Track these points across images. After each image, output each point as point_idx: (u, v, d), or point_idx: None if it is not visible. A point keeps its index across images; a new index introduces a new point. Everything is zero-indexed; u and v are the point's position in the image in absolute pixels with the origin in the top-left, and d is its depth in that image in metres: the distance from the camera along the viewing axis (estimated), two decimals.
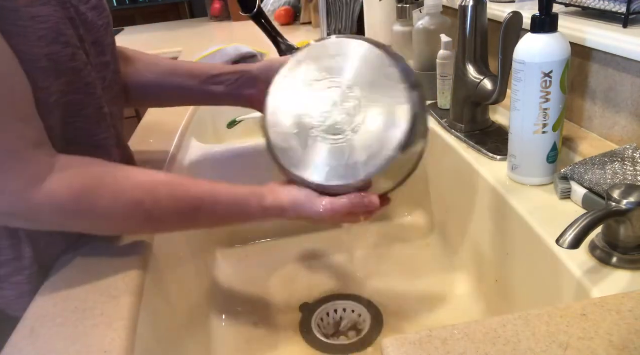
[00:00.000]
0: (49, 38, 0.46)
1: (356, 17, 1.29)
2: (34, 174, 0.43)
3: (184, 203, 0.50)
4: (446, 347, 0.34)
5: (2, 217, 0.45)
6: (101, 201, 0.46)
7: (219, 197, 0.52)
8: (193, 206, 0.51)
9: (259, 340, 0.69)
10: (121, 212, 0.47)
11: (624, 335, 0.34)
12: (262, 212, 0.54)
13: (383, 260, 0.82)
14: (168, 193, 0.50)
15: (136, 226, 0.51)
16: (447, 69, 0.81)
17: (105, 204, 0.46)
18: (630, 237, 0.44)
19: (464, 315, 0.69)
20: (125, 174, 0.50)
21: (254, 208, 0.53)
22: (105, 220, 0.48)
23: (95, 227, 0.49)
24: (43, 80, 0.46)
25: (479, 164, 0.67)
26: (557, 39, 0.53)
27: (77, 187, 0.45)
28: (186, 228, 0.56)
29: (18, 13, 0.43)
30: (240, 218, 0.54)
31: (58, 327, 0.43)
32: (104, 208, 0.46)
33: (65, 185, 0.44)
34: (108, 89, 0.58)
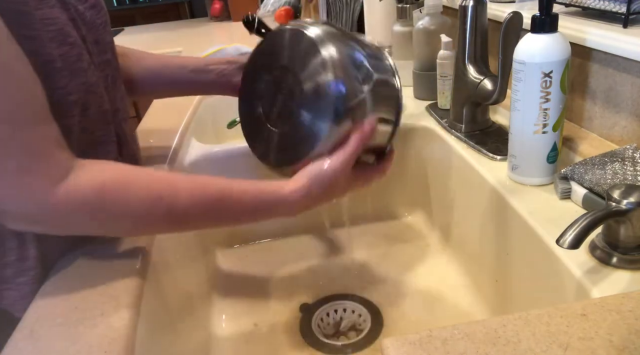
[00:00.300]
0: (58, 39, 0.47)
1: (356, 17, 1.29)
2: (57, 173, 0.43)
3: (206, 195, 0.49)
4: (446, 347, 0.34)
5: (26, 221, 0.45)
6: (123, 195, 0.46)
7: (242, 187, 0.51)
8: (215, 197, 0.50)
9: (259, 340, 0.69)
10: (141, 209, 0.47)
11: (624, 335, 0.34)
12: (288, 196, 0.52)
13: (383, 260, 0.82)
14: (188, 186, 0.49)
15: (158, 222, 0.49)
16: (447, 69, 0.81)
17: (125, 200, 0.46)
18: (630, 237, 0.44)
19: (464, 315, 0.69)
20: (146, 171, 0.50)
21: (280, 195, 0.52)
22: (128, 216, 0.47)
23: (117, 224, 0.48)
24: (59, 80, 0.47)
25: (479, 164, 0.67)
26: (557, 39, 0.53)
27: (98, 182, 0.45)
28: (210, 223, 0.53)
29: (31, 16, 0.44)
30: (266, 208, 0.53)
31: (58, 327, 0.43)
32: (123, 204, 0.46)
33: (87, 180, 0.45)
34: (111, 87, 0.58)
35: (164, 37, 1.90)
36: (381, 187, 0.90)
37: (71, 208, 0.44)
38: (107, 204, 0.45)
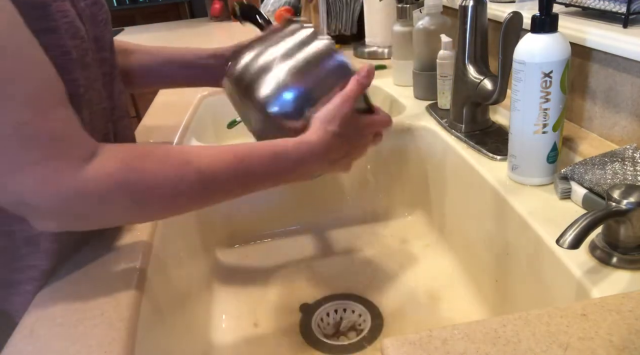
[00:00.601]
0: (72, 32, 0.47)
1: (356, 17, 1.29)
2: (84, 155, 0.42)
3: (229, 155, 0.49)
4: (446, 347, 0.34)
5: (59, 213, 0.42)
6: (149, 165, 0.44)
7: (259, 146, 0.51)
8: (239, 156, 0.49)
9: (259, 340, 0.69)
10: (171, 174, 0.45)
11: (624, 335, 0.34)
12: (309, 138, 0.53)
13: (383, 260, 0.82)
14: (209, 151, 0.49)
15: (191, 190, 0.47)
16: (447, 69, 0.81)
17: (154, 167, 0.44)
18: (630, 237, 0.44)
19: (464, 315, 0.69)
20: (165, 145, 0.50)
21: (301, 139, 0.52)
22: (156, 189, 0.44)
23: (152, 199, 0.45)
24: (74, 71, 0.47)
25: (479, 164, 0.67)
26: (557, 39, 0.53)
27: (124, 156, 0.44)
28: (240, 184, 0.51)
29: (49, 8, 0.44)
30: (292, 156, 0.52)
31: (58, 327, 0.43)
32: (153, 172, 0.44)
33: (112, 157, 0.43)
34: (108, 85, 0.58)
35: (164, 37, 1.90)
36: (381, 187, 0.90)
37: (103, 186, 0.42)
38: (132, 176, 0.43)
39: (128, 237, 0.56)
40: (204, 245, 0.82)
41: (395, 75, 1.02)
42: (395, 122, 0.86)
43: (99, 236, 0.56)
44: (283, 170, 0.53)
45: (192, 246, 0.76)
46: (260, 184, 0.53)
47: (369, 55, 1.20)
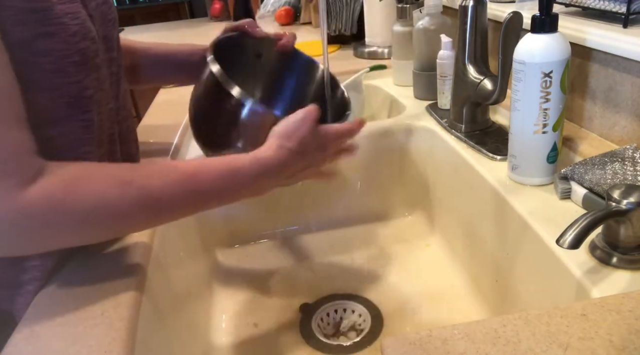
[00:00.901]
0: (80, 34, 0.47)
1: (356, 17, 1.29)
2: (27, 175, 0.42)
3: (178, 172, 0.48)
4: (446, 347, 0.34)
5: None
6: (90, 185, 0.44)
7: (214, 159, 0.51)
8: (189, 173, 0.48)
9: (259, 340, 0.69)
10: (112, 195, 0.44)
11: (624, 335, 0.34)
12: (262, 154, 0.52)
13: (383, 260, 0.82)
14: (159, 169, 0.48)
15: (134, 209, 0.46)
16: (447, 69, 0.81)
17: (94, 187, 0.44)
18: (630, 237, 0.44)
19: (464, 315, 0.69)
20: (114, 164, 0.49)
21: (255, 156, 0.52)
22: (96, 209, 0.44)
23: (93, 221, 0.44)
24: (75, 74, 0.47)
25: (479, 164, 0.67)
26: (557, 39, 0.53)
27: (68, 177, 0.43)
28: (189, 203, 0.50)
29: (50, 12, 0.44)
30: (245, 173, 0.51)
31: (58, 327, 0.43)
32: (92, 193, 0.43)
33: (55, 177, 0.43)
34: (115, 85, 0.58)
35: (164, 37, 1.90)
36: (381, 187, 0.90)
37: (43, 207, 0.41)
38: (76, 194, 0.43)
39: (128, 237, 0.56)
40: (204, 245, 0.82)
41: (395, 75, 1.02)
42: (395, 122, 0.86)
43: None
44: (238, 186, 0.52)
45: (192, 246, 0.76)
46: (215, 200, 0.52)
47: (369, 55, 1.20)
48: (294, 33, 0.71)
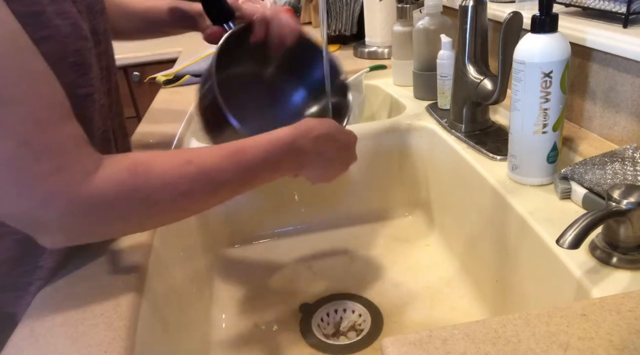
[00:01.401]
0: (74, 34, 0.47)
1: (356, 17, 1.29)
2: (91, 167, 0.42)
3: (226, 149, 0.50)
4: (446, 347, 0.34)
5: (69, 225, 0.42)
6: (154, 168, 0.45)
7: (254, 138, 0.53)
8: (236, 148, 0.50)
9: (259, 340, 0.69)
10: (176, 174, 0.45)
11: (624, 335, 0.34)
12: (292, 128, 0.55)
13: (383, 260, 0.82)
14: (206, 150, 0.50)
15: (196, 187, 0.47)
16: (447, 69, 0.81)
17: (158, 170, 0.45)
18: (630, 237, 0.44)
19: (464, 315, 0.69)
20: (163, 151, 0.50)
21: (285, 129, 0.54)
22: (163, 190, 0.45)
23: (160, 201, 0.45)
24: (69, 75, 0.47)
25: (479, 164, 0.67)
26: (557, 39, 0.53)
27: (128, 163, 0.44)
28: (241, 179, 0.51)
29: (44, 15, 0.44)
30: (279, 142, 0.53)
31: (58, 327, 0.43)
32: (158, 175, 0.44)
33: (117, 164, 0.43)
34: (105, 80, 0.57)
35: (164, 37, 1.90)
36: (381, 187, 0.90)
37: (112, 193, 0.42)
38: (144, 177, 0.44)
39: (128, 237, 0.56)
40: (204, 245, 0.82)
41: (395, 75, 1.02)
42: (395, 122, 0.86)
43: None
44: (280, 154, 0.53)
45: (192, 246, 0.76)
46: (263, 171, 0.53)
47: (369, 55, 1.20)
48: (297, 28, 0.71)
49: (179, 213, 0.49)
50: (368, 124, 0.87)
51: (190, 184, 0.46)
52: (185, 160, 0.47)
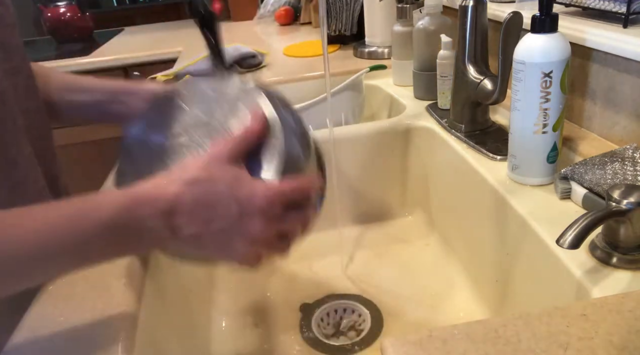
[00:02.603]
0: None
1: (356, 17, 1.29)
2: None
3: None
4: (446, 347, 0.34)
5: None
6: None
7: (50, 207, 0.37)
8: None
9: (259, 340, 0.69)
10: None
11: (624, 335, 0.34)
12: (125, 195, 0.36)
13: (383, 260, 0.82)
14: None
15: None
16: (447, 69, 0.81)
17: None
18: (630, 237, 0.44)
19: (464, 315, 0.69)
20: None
21: (112, 195, 0.37)
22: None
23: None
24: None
25: (479, 164, 0.67)
26: (557, 39, 0.53)
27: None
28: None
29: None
30: (87, 218, 0.36)
31: (58, 327, 0.43)
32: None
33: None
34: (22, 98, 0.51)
35: (164, 37, 1.90)
36: (381, 187, 0.90)
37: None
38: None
39: None
40: None
41: (395, 75, 1.02)
42: (395, 122, 0.86)
43: None
44: (87, 234, 0.36)
45: None
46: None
47: (369, 55, 1.20)
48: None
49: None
50: (368, 124, 0.87)
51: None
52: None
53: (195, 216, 0.38)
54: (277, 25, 1.86)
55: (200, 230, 0.38)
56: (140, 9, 3.66)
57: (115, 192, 0.38)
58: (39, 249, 0.35)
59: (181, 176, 0.38)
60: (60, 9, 1.95)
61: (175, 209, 0.37)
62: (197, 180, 0.38)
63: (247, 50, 1.19)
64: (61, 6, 1.96)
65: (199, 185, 0.38)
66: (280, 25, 1.85)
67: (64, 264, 0.37)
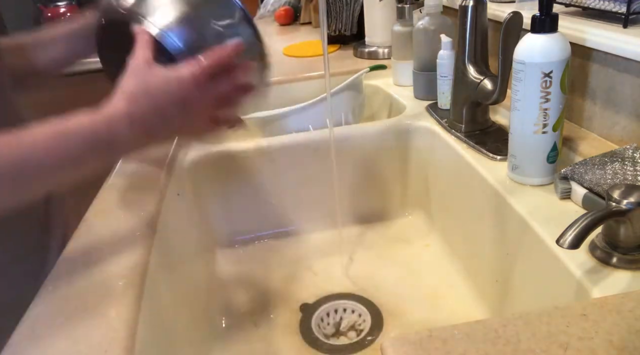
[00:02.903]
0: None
1: (356, 17, 1.29)
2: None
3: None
4: (446, 347, 0.34)
5: None
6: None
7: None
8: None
9: (259, 340, 0.69)
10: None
11: (624, 335, 0.34)
12: (107, 106, 0.45)
13: (383, 260, 0.82)
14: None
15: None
16: (447, 69, 0.81)
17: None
18: (630, 237, 0.44)
19: (464, 315, 0.69)
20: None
21: (87, 120, 0.44)
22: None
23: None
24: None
25: (479, 164, 0.67)
26: (557, 39, 0.53)
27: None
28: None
29: None
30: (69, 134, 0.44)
31: (58, 327, 0.43)
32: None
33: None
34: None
35: None
36: (381, 187, 0.90)
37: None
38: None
39: (128, 236, 0.56)
40: (204, 245, 0.82)
41: (395, 75, 1.02)
42: (395, 122, 0.86)
43: (99, 234, 0.56)
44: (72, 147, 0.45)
45: (192, 246, 0.76)
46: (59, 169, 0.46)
47: (369, 55, 1.20)
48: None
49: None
50: (368, 124, 0.87)
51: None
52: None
53: (148, 121, 0.47)
54: (277, 25, 1.86)
55: (157, 130, 0.48)
56: None
57: (85, 117, 0.45)
58: (48, 156, 0.44)
59: (124, 92, 0.46)
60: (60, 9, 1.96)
61: (133, 122, 0.46)
62: (136, 94, 0.47)
63: None
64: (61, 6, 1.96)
65: (141, 97, 0.46)
66: (280, 25, 1.85)
67: (62, 174, 0.45)
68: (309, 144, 0.84)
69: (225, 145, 0.84)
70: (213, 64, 0.48)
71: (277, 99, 1.09)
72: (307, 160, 0.85)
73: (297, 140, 0.84)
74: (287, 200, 0.88)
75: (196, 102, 0.48)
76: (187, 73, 0.47)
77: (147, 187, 0.67)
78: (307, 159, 0.85)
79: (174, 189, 0.71)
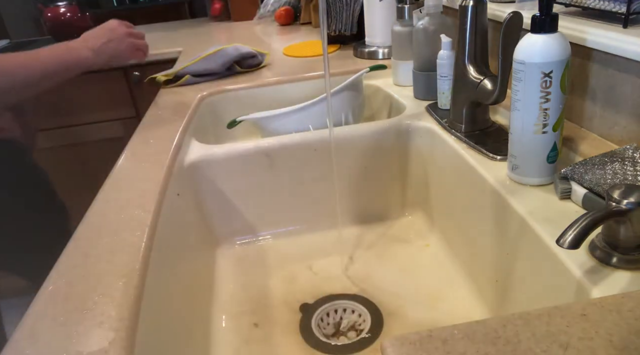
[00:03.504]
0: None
1: (356, 17, 1.29)
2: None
3: (27, 54, 0.92)
4: (446, 347, 0.34)
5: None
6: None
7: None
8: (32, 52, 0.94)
9: (259, 340, 0.69)
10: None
11: (624, 335, 0.34)
12: (72, 43, 0.98)
13: (383, 260, 0.82)
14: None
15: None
16: (447, 69, 0.81)
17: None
18: (630, 237, 0.44)
19: (464, 315, 0.69)
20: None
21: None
22: None
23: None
24: None
25: (479, 164, 0.67)
26: (557, 39, 0.53)
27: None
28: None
29: None
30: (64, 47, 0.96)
31: (58, 327, 0.43)
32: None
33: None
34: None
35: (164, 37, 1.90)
36: (381, 187, 0.90)
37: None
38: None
39: (128, 236, 0.56)
40: (204, 245, 0.82)
41: (395, 75, 1.02)
42: (396, 122, 0.86)
43: (99, 234, 0.56)
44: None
45: (193, 246, 0.76)
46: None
47: (369, 55, 1.20)
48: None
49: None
50: (368, 124, 0.87)
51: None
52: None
53: (95, 41, 0.99)
54: (277, 25, 1.86)
55: (104, 47, 0.99)
56: (140, 9, 3.67)
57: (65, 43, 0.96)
58: (46, 66, 0.93)
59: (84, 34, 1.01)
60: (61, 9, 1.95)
61: (86, 40, 0.98)
62: (89, 33, 1.01)
63: (247, 50, 1.19)
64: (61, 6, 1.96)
65: (91, 32, 1.01)
66: (280, 25, 1.85)
67: (57, 74, 0.94)
68: (309, 144, 0.84)
69: (225, 145, 0.84)
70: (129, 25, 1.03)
71: (277, 99, 1.09)
72: (307, 161, 0.85)
73: (297, 140, 0.84)
74: (287, 200, 0.88)
75: (119, 30, 0.99)
76: (115, 20, 1.00)
77: (147, 187, 0.67)
78: (307, 159, 0.85)
79: (174, 189, 0.71)
